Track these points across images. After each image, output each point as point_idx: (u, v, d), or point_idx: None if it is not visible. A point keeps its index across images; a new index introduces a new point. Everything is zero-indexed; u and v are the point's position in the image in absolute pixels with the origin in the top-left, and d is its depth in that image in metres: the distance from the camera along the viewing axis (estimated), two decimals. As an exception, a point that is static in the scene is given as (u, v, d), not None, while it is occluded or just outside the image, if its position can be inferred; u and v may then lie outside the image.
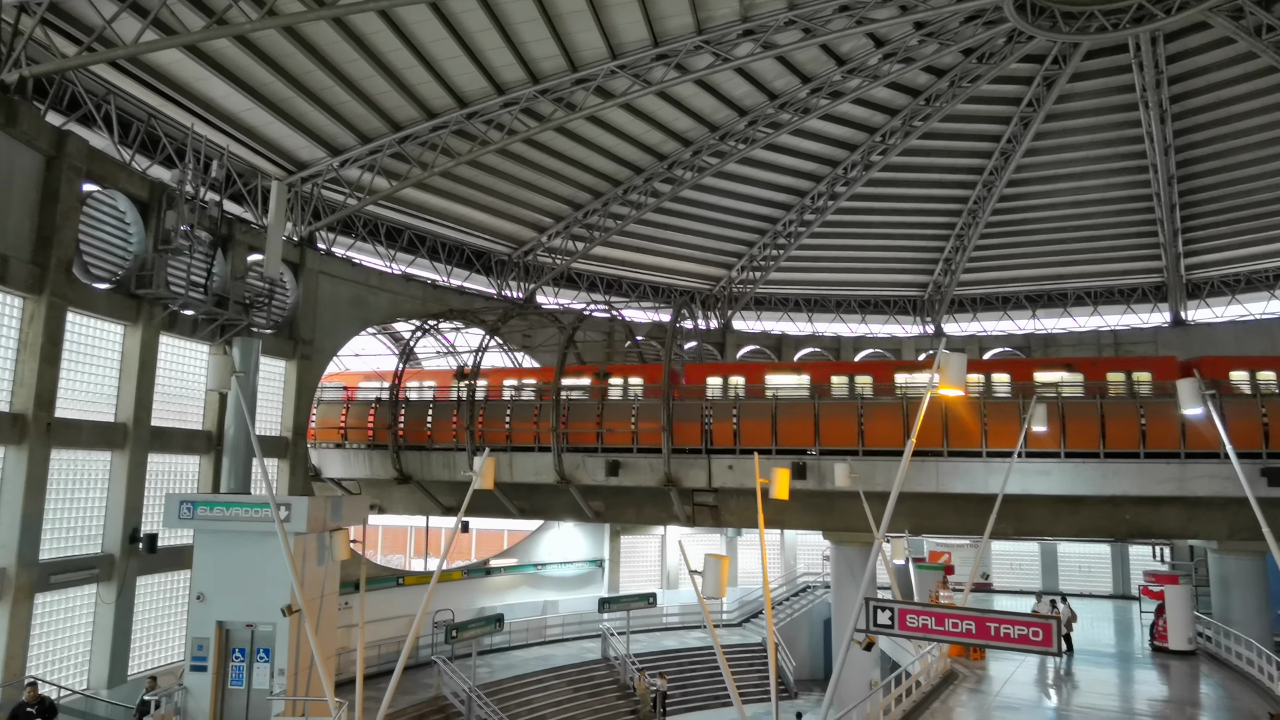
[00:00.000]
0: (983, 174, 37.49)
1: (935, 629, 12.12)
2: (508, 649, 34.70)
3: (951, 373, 12.48)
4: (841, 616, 26.84)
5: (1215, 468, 21.49)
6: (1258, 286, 39.43)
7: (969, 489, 23.35)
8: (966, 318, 45.37)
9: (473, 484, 15.53)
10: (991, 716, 19.15)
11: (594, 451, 26.00)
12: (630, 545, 41.02)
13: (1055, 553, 40.86)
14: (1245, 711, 19.60)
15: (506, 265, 38.54)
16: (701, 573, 13.00)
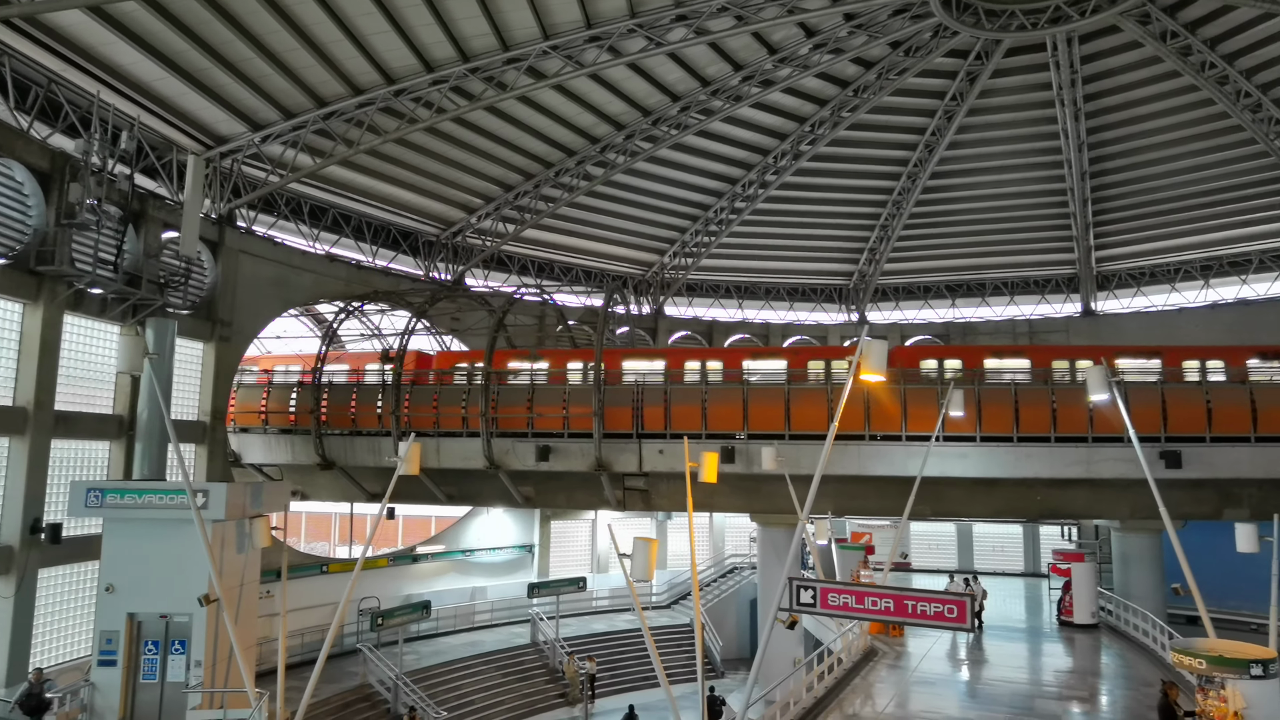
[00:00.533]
0: (907, 166, 38.45)
1: (856, 607, 12.48)
2: (435, 635, 34.36)
3: (872, 359, 12.81)
4: (767, 597, 27.44)
5: (1119, 451, 22.64)
6: (1160, 280, 41.54)
7: (890, 471, 24.07)
8: (889, 306, 46.59)
9: (398, 469, 15.27)
10: (909, 691, 19.87)
11: (524, 436, 25.85)
12: (560, 530, 41.01)
13: (971, 533, 42.52)
14: (1140, 679, 20.82)
15: (435, 246, 37.84)
16: (630, 556, 13.09)
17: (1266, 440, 23.40)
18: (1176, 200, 38.09)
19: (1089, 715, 18.26)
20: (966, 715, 17.79)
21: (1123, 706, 18.73)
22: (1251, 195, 36.83)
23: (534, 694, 31.35)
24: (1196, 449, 23.24)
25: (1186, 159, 35.96)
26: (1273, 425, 23.42)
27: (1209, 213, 38.16)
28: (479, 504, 35.29)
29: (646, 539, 13.06)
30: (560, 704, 31.25)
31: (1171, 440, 23.29)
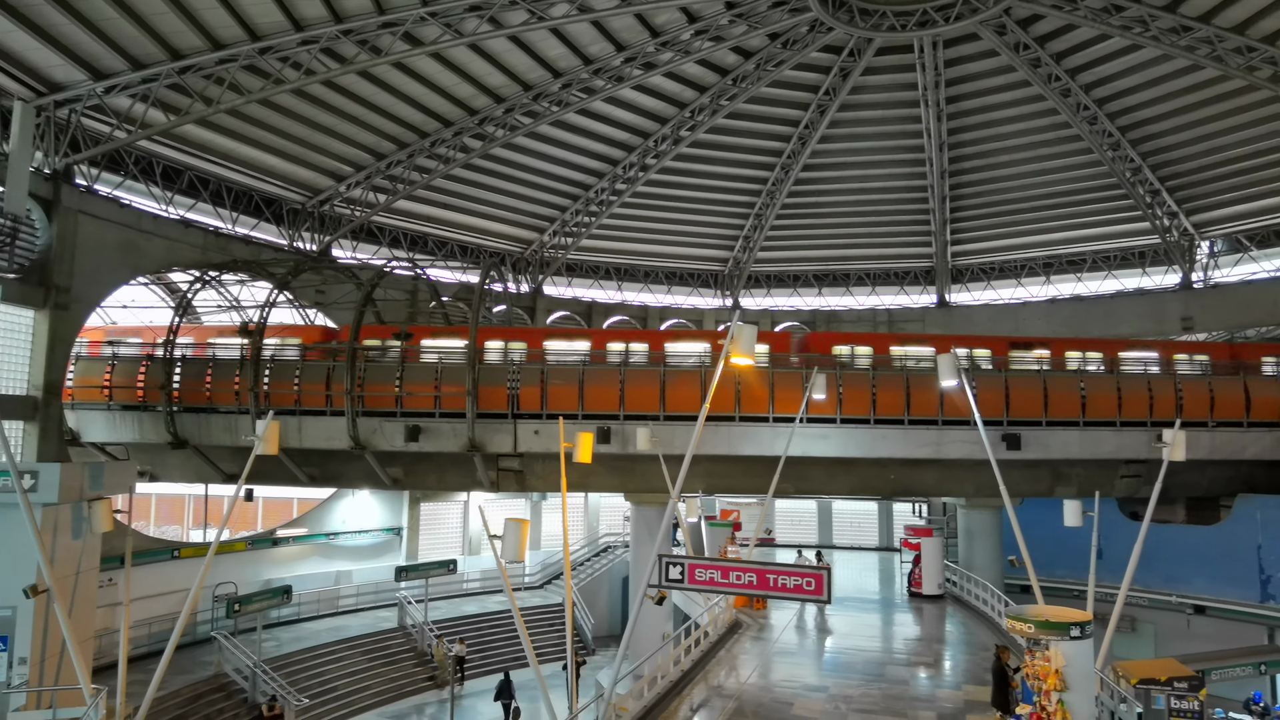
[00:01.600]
0: (781, 157, 39.60)
1: (721, 582, 12.90)
2: (297, 621, 33.07)
3: (743, 343, 13.17)
4: (639, 574, 27.86)
5: (966, 433, 24.31)
6: (1008, 274, 44.67)
7: (757, 451, 24.92)
8: (761, 293, 47.99)
9: (256, 449, 14.54)
10: (771, 661, 20.72)
11: (392, 416, 25.08)
12: (431, 512, 40.18)
13: (830, 510, 44.64)
14: (979, 644, 22.53)
15: (300, 215, 35.99)
16: (501, 537, 12.99)
17: (1093, 425, 25.74)
18: (1023, 201, 41.03)
19: (933, 679, 19.62)
20: (823, 683, 18.73)
21: (963, 669, 20.21)
22: (1087, 200, 40.15)
23: (401, 678, 30.72)
24: (1034, 432, 25.30)
25: (1033, 163, 38.77)
26: (1099, 411, 25.77)
27: (1051, 214, 41.33)
28: (344, 485, 34.09)
29: (517, 520, 13.00)
30: (429, 687, 30.79)
31: (1013, 424, 25.24)
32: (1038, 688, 13.57)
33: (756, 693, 17.94)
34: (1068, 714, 13.29)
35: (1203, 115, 33.76)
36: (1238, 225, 38.32)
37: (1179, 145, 35.81)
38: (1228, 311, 38.29)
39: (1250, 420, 26.55)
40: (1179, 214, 38.72)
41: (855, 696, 17.71)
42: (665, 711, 16.40)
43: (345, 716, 27.68)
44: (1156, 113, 34.48)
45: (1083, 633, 13.54)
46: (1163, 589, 28.61)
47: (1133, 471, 26.68)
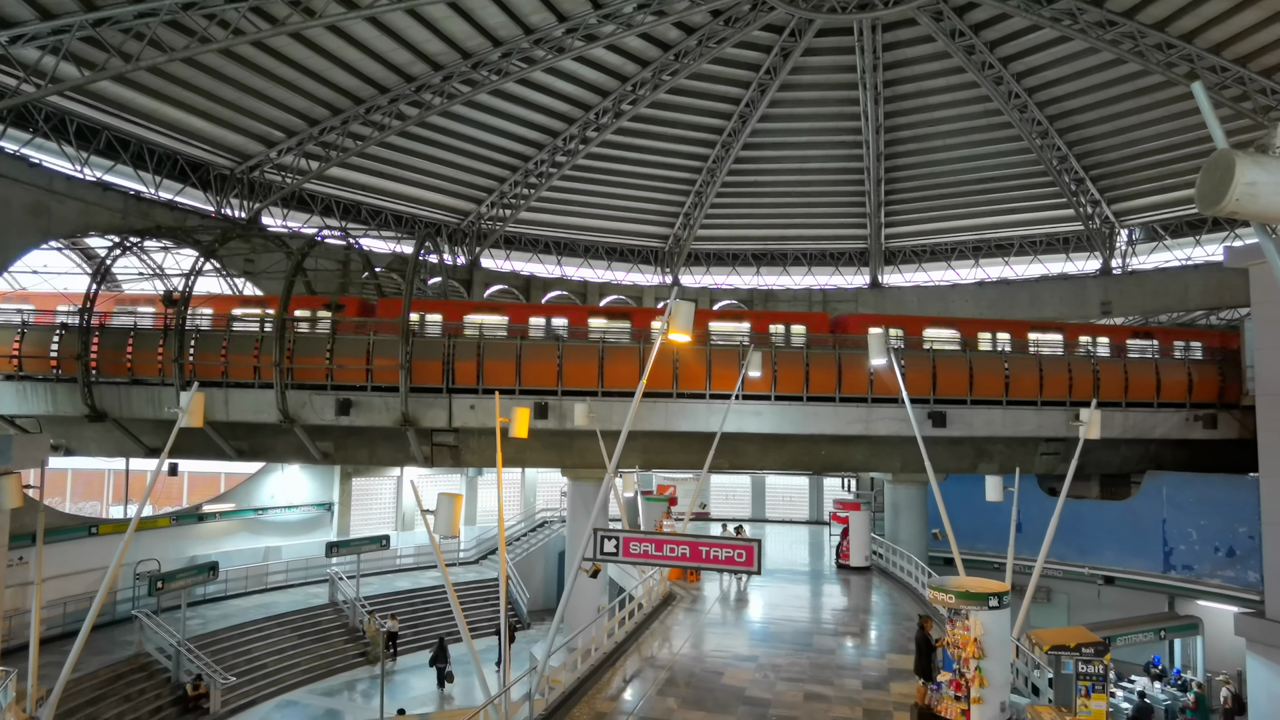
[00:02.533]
0: (722, 134, 39.72)
1: (655, 554, 13.06)
2: (224, 599, 32.31)
3: (680, 320, 13.25)
4: (575, 548, 27.98)
5: (894, 410, 24.97)
6: (939, 257, 45.83)
7: (693, 427, 25.18)
8: (701, 271, 48.25)
9: (179, 422, 14.07)
10: (704, 632, 21.10)
11: (323, 389, 24.51)
12: (363, 487, 39.57)
13: (764, 485, 45.47)
14: (904, 614, 23.32)
15: (228, 181, 34.70)
16: (434, 512, 12.88)
17: (1015, 404, 26.72)
18: (955, 186, 42.06)
19: (859, 648, 20.25)
20: (753, 652, 19.16)
21: (888, 639, 20.90)
22: (1015, 186, 41.40)
23: (332, 654, 30.33)
24: (959, 410, 26.13)
25: (965, 149, 39.74)
26: (1022, 391, 26.75)
27: (981, 199, 42.50)
28: (273, 460, 33.29)
29: (451, 494, 12.89)
30: (361, 663, 30.48)
31: (939, 403, 26.03)
32: (957, 655, 14.12)
33: (689, 663, 18.26)
34: (984, 680, 13.88)
35: (1125, 108, 35.05)
36: (1154, 215, 40.02)
37: (1103, 136, 37.13)
38: (1143, 297, 40.05)
39: (1160, 401, 27.92)
40: (1101, 202, 40.22)
41: (784, 665, 18.17)
42: (598, 683, 16.58)
43: (275, 694, 27.21)
44: (1083, 103, 35.65)
45: (1000, 603, 14.12)
46: (1076, 561, 30.01)
47: (1052, 449, 27.84)
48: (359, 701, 27.24)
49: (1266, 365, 24.69)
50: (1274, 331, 24.24)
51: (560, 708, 14.93)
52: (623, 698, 15.94)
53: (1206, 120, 6.33)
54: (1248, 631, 24.13)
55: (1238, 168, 5.66)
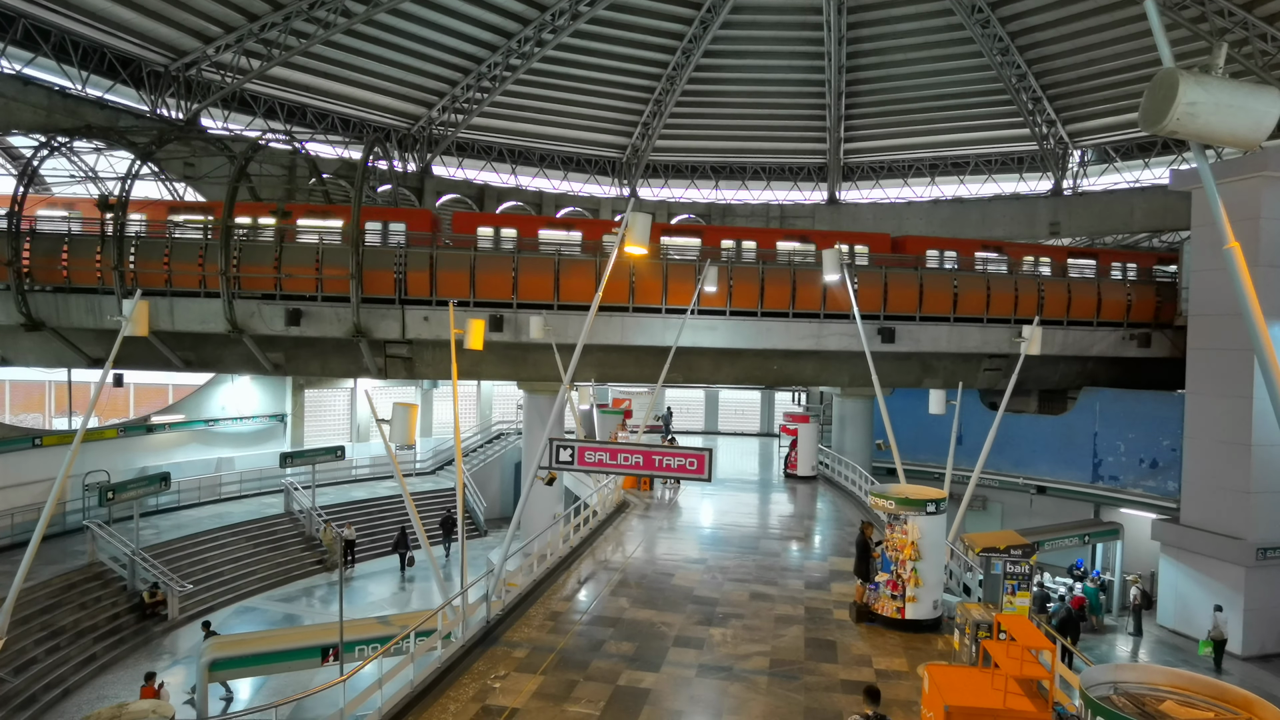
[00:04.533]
0: (682, 41, 38.69)
1: (609, 463, 13.37)
2: (176, 509, 32.26)
3: (637, 232, 13.21)
4: (530, 460, 28.38)
5: (845, 326, 25.44)
6: (895, 174, 45.89)
7: (649, 342, 25.37)
8: (659, 183, 47.68)
9: (123, 331, 13.76)
10: (655, 538, 21.83)
11: (272, 299, 24.02)
12: (316, 399, 39.32)
13: (717, 398, 46.30)
14: (846, 520, 24.36)
15: (163, 79, 32.91)
16: (389, 421, 12.95)
17: (962, 321, 27.38)
18: (915, 102, 41.80)
19: (803, 551, 21.20)
20: (703, 555, 19.95)
21: (830, 543, 21.89)
22: (974, 104, 41.31)
23: (288, 562, 30.68)
24: (908, 326, 26.71)
25: (927, 64, 39.37)
26: (970, 308, 27.38)
27: (940, 116, 42.37)
28: (221, 370, 32.74)
29: (406, 404, 12.94)
30: (318, 570, 30.92)
31: (890, 319, 26.55)
32: (895, 557, 14.91)
33: (641, 566, 18.95)
34: (919, 580, 14.72)
35: (1085, 26, 34.91)
36: (1106, 137, 40.40)
37: (1062, 55, 37.05)
38: (1091, 218, 40.79)
39: (1099, 320, 28.86)
40: (1056, 122, 40.43)
41: (731, 567, 18.98)
42: (554, 585, 17.16)
43: (232, 600, 27.57)
44: (1044, 20, 35.40)
45: (937, 509, 14.86)
46: (1012, 471, 31.44)
47: (994, 365, 28.75)
48: (317, 606, 27.76)
49: (1201, 287, 25.62)
50: (1210, 255, 25.05)
51: (516, 608, 15.47)
52: (577, 598, 16.56)
53: (1156, 38, 6.42)
54: (1163, 536, 25.80)
55: (1180, 87, 5.80)
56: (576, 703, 11.62)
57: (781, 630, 14.83)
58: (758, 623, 15.20)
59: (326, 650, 15.34)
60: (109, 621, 23.94)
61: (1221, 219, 6.41)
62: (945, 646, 14.19)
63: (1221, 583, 23.72)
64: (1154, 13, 6.46)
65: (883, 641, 14.35)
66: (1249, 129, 5.95)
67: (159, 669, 21.96)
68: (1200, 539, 24.48)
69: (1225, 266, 6.49)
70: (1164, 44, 6.26)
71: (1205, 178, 6.50)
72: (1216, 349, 24.59)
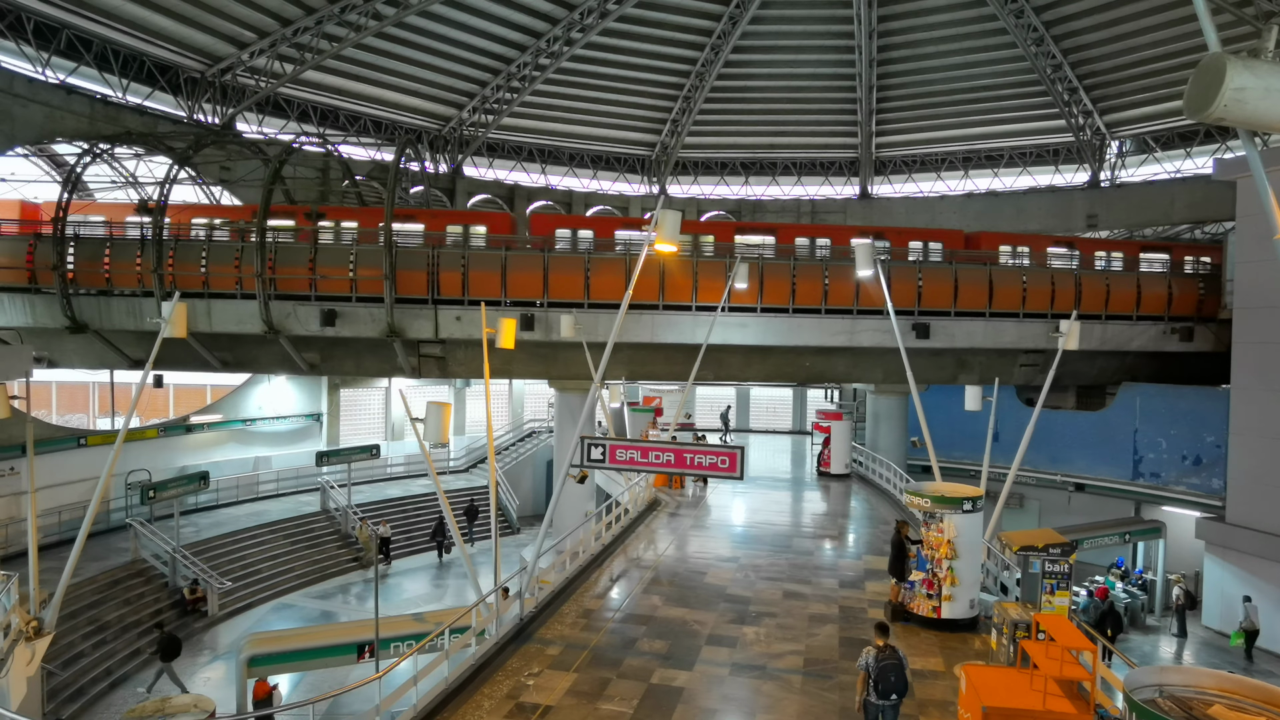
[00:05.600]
0: (711, 37, 38.53)
1: (641, 461, 13.35)
2: (215, 507, 32.86)
3: (667, 229, 13.17)
4: (562, 457, 28.48)
5: (878, 322, 25.16)
6: (929, 168, 45.31)
7: (679, 339, 25.31)
8: (688, 180, 47.55)
9: (162, 332, 14.02)
10: (687, 536, 21.77)
11: (306, 300, 24.35)
12: (351, 398, 39.81)
13: (749, 396, 46.08)
14: (880, 519, 24.10)
15: (199, 84, 33.52)
16: (423, 419, 13.05)
17: (998, 316, 26.95)
18: (947, 94, 41.23)
19: (837, 550, 21.01)
20: (735, 554, 19.86)
21: (865, 541, 21.67)
22: (1008, 95, 40.63)
23: (325, 559, 31.11)
24: (942, 322, 26.34)
25: (959, 55, 38.80)
26: (1005, 303, 26.93)
27: (973, 108, 41.75)
28: (258, 371, 33.29)
29: (439, 403, 13.04)
30: (354, 567, 31.31)
31: (923, 314, 26.21)
32: (931, 556, 14.71)
33: (673, 564, 18.92)
34: (955, 579, 14.51)
35: (1123, 14, 34.16)
36: (1146, 126, 39.51)
37: (1099, 44, 36.29)
38: (1128, 210, 39.95)
39: (1139, 314, 28.24)
40: (1093, 113, 39.63)
41: (763, 566, 18.87)
42: (586, 583, 17.18)
43: (270, 597, 28.01)
44: (1080, 8, 34.71)
45: (974, 507, 14.63)
46: (1049, 469, 30.90)
47: (1031, 360, 28.26)
48: (353, 604, 28.11)
49: (1246, 279, 24.94)
50: (1256, 245, 24.39)
51: (549, 605, 15.52)
52: (609, 596, 16.57)
53: (1201, 22, 6.24)
54: (1208, 535, 25.17)
55: (1228, 72, 5.63)
56: (610, 700, 11.62)
57: (815, 629, 14.71)
58: (791, 621, 15.09)
59: (362, 647, 15.50)
60: (152, 617, 24.44)
61: (1272, 208, 6.22)
62: (982, 646, 13.98)
63: (1270, 582, 23.09)
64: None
65: (918, 641, 14.17)
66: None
67: (199, 664, 22.44)
68: (1247, 537, 23.84)
69: (1273, 257, 6.29)
70: (1209, 28, 6.08)
71: (1255, 165, 6.31)
72: (1263, 342, 23.93)
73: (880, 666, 10.02)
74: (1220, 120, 5.84)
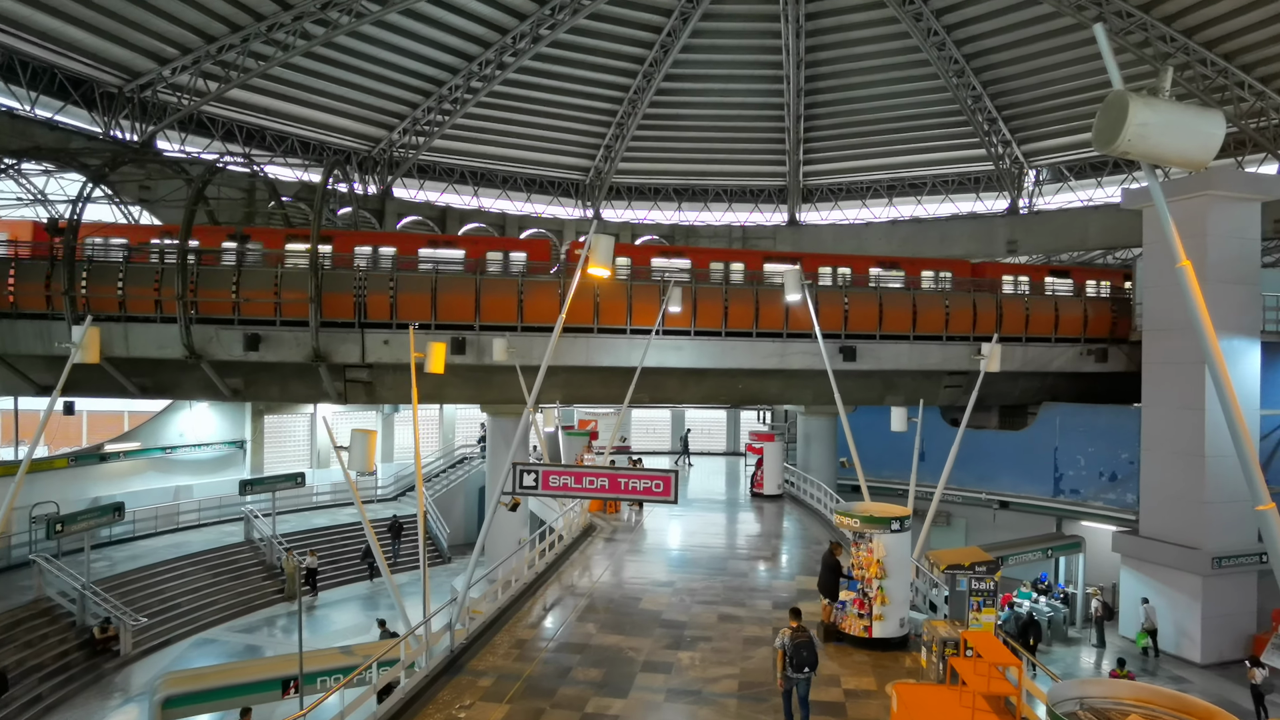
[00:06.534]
0: (644, 65, 39.00)
1: (574, 487, 13.22)
2: (132, 540, 31.34)
3: (600, 254, 13.18)
4: (494, 484, 28.04)
5: (808, 345, 25.59)
6: (854, 195, 46.55)
7: (614, 362, 25.31)
8: (623, 205, 47.83)
9: (72, 357, 13.37)
10: (623, 560, 21.63)
11: (230, 323, 23.56)
12: (276, 424, 38.57)
13: (684, 418, 46.28)
14: (813, 539, 24.38)
15: (116, 100, 32.35)
16: (348, 448, 12.70)
17: (922, 339, 27.72)
18: (872, 124, 42.53)
19: (771, 571, 21.14)
20: (671, 578, 19.79)
21: (798, 562, 21.86)
22: (931, 125, 42.12)
23: (249, 591, 29.91)
24: (869, 345, 26.96)
25: (884, 86, 40.11)
26: (929, 326, 27.73)
27: (897, 138, 43.13)
28: (179, 397, 31.98)
29: (365, 430, 12.71)
30: (280, 599, 30.17)
31: (850, 337, 26.80)
32: (861, 575, 14.91)
33: (608, 590, 18.74)
34: (885, 598, 14.72)
35: (1039, 49, 35.87)
36: (1060, 156, 41.40)
37: (1016, 76, 37.98)
38: (1047, 236, 41.69)
39: (1057, 336, 29.39)
40: (1011, 142, 41.36)
41: (699, 589, 18.85)
42: (519, 612, 16.88)
43: (190, 632, 26.75)
44: (999, 43, 36.31)
45: (902, 526, 14.90)
46: (975, 487, 31.77)
47: (955, 382, 29.11)
48: (279, 636, 27.06)
49: (1154, 303, 26.24)
50: (1162, 271, 25.68)
51: (481, 636, 15.18)
52: (543, 625, 16.31)
53: (1106, 62, 6.53)
54: (1123, 548, 26.20)
55: (1131, 108, 5.91)
56: (543, 732, 11.39)
57: (750, 652, 14.72)
58: (726, 645, 15.08)
59: (287, 682, 14.90)
60: (56, 660, 23.05)
61: (1173, 238, 6.53)
62: (913, 664, 14.19)
63: (1180, 592, 24.11)
64: (1103, 37, 6.59)
65: (851, 660, 14.31)
66: (1197, 149, 6.08)
67: (109, 708, 21.28)
68: (1158, 550, 24.89)
69: (1177, 282, 6.60)
70: (1114, 67, 6.38)
71: (1156, 197, 6.62)
72: (1170, 363, 25.14)
73: (794, 645, 11.40)
74: (1125, 153, 6.12)
